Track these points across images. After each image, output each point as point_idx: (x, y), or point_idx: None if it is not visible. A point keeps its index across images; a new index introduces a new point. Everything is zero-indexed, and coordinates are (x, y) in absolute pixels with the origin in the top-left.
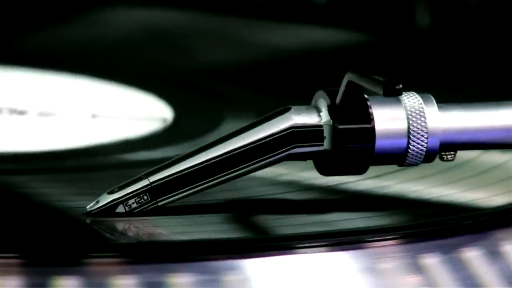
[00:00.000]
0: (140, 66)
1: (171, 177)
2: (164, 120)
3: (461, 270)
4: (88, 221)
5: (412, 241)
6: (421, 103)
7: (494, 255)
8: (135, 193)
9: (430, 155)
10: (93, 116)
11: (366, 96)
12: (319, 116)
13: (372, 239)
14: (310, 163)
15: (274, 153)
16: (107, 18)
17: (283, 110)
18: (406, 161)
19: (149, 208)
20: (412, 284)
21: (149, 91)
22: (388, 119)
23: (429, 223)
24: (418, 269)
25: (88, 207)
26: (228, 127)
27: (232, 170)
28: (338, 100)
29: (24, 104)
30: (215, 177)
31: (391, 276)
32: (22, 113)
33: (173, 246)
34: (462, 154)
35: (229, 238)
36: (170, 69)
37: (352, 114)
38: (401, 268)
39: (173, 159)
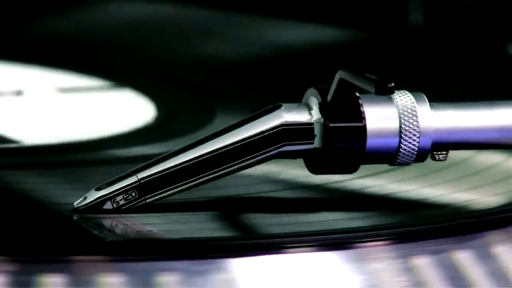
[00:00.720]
0: (130, 61)
1: (160, 174)
2: (155, 116)
3: (452, 271)
4: (75, 217)
5: (403, 242)
6: (413, 102)
7: (485, 256)
8: (123, 189)
9: (421, 155)
10: (83, 111)
11: (357, 94)
12: (310, 114)
13: (362, 239)
14: (300, 161)
15: (264, 151)
16: (96, 13)
17: (273, 107)
18: (398, 161)
19: (137, 205)
20: (402, 285)
21: (140, 87)
22: (380, 117)
23: (420, 223)
24: (408, 269)
25: (75, 203)
26: (220, 124)
27: (222, 168)
28: (329, 98)
29: (10, 98)
30: (205, 174)
31: (382, 276)
32: (7, 107)
33: (161, 244)
34: (454, 154)
35: (218, 236)
36: (161, 65)
37: (344, 112)
38: (391, 268)
39: (163, 155)
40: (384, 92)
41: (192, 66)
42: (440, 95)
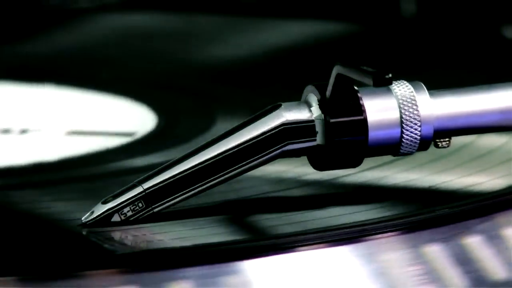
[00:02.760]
0: (126, 72)
1: (165, 183)
2: (155, 125)
3: (463, 256)
4: (84, 232)
5: (414, 231)
6: (412, 91)
7: (496, 239)
8: (129, 201)
9: (424, 143)
10: (82, 125)
11: (356, 88)
12: (310, 111)
13: (372, 231)
14: (304, 159)
15: (267, 151)
16: (88, 27)
17: (273, 107)
18: (401, 151)
19: (144, 215)
20: (416, 273)
21: (139, 97)
22: (380, 109)
23: (429, 211)
24: (421, 258)
25: (83, 218)
26: (220, 128)
27: (226, 171)
28: (328, 93)
29: (12, 117)
30: (210, 179)
31: (395, 266)
32: (7, 127)
33: (173, 252)
34: (457, 140)
35: (229, 240)
36: (157, 73)
37: (343, 107)
38: (404, 258)
39: (166, 164)
40: (382, 84)
41: (188, 73)
42: (438, 83)
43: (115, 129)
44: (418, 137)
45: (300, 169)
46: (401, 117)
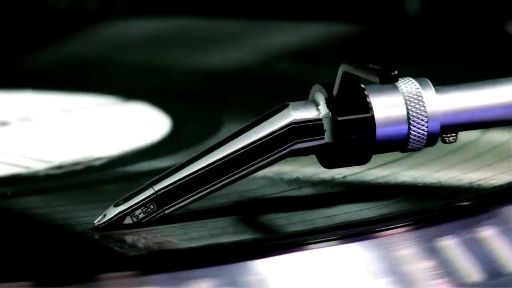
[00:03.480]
0: (133, 77)
1: (176, 184)
2: (163, 129)
3: (476, 250)
4: (96, 235)
5: (423, 227)
6: (418, 88)
7: (507, 231)
8: (141, 203)
9: (431, 139)
10: (92, 130)
11: (362, 85)
12: (318, 110)
13: (383, 228)
14: (312, 158)
15: (276, 151)
16: (95, 33)
17: (281, 107)
18: (409, 147)
19: (156, 217)
20: (428, 269)
21: (146, 101)
22: (387, 106)
23: (438, 206)
24: (432, 253)
25: (95, 221)
26: (228, 131)
27: (236, 172)
28: (335, 92)
29: (18, 124)
30: (220, 180)
31: (408, 262)
32: (16, 133)
33: (184, 253)
34: (464, 135)
35: (240, 240)
36: (164, 77)
37: (350, 105)
38: (415, 254)
39: (176, 165)
40: (388, 81)
41: (195, 76)
42: (443, 79)
43: (124, 134)
44: (426, 133)
45: (308, 168)
46: (408, 113)
